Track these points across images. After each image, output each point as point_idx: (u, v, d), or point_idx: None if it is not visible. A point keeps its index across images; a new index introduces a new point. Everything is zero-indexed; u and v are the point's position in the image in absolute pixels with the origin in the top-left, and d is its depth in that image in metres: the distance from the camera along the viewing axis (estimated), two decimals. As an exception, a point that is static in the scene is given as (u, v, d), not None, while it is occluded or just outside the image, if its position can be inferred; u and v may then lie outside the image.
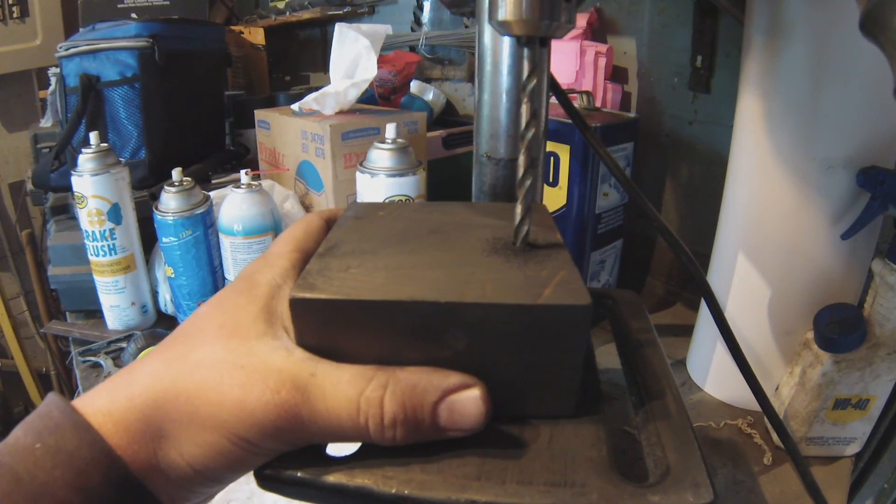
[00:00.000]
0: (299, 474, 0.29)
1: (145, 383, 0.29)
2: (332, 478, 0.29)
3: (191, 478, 0.29)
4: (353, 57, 1.16)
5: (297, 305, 0.30)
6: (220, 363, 0.29)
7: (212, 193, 1.02)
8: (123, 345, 0.96)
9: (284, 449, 0.30)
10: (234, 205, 0.94)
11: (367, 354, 0.30)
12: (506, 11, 0.34)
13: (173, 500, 0.29)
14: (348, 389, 0.29)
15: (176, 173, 0.95)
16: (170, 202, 0.93)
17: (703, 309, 0.89)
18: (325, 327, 0.30)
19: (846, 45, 0.63)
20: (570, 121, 0.60)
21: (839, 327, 0.66)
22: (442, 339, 0.29)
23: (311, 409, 0.28)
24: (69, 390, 2.29)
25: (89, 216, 0.94)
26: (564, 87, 1.00)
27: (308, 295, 0.30)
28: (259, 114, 1.32)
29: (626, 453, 0.32)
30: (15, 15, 2.20)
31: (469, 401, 0.29)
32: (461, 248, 0.35)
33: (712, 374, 0.85)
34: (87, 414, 0.28)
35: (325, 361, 0.30)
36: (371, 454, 0.30)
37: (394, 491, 0.28)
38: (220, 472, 0.30)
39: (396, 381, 0.29)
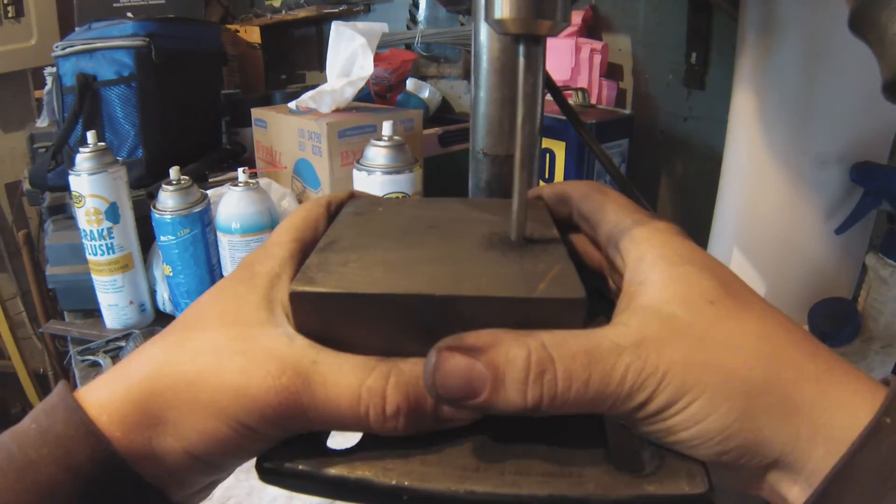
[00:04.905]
0: (300, 467, 0.30)
1: (143, 372, 0.30)
2: (333, 470, 0.29)
3: (187, 465, 0.30)
4: (350, 55, 1.16)
5: (297, 298, 0.30)
6: (221, 350, 0.30)
7: (209, 192, 1.02)
8: (122, 343, 0.96)
9: (283, 436, 0.30)
10: (232, 203, 0.94)
11: (365, 347, 0.30)
12: (501, 9, 0.34)
13: (167, 486, 0.30)
14: (350, 378, 0.29)
15: (173, 172, 0.95)
16: (167, 201, 0.93)
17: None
18: (325, 320, 0.31)
19: (839, 42, 0.63)
20: (565, 117, 0.60)
21: (833, 321, 0.66)
22: (438, 332, 0.30)
23: (311, 395, 0.28)
24: (67, 390, 2.29)
25: (87, 215, 0.94)
26: (560, 84, 1.00)
27: (308, 288, 0.30)
28: (256, 112, 1.32)
29: (623, 446, 0.32)
30: (10, 15, 2.20)
31: None
32: (458, 243, 0.35)
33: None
34: (83, 405, 0.29)
35: (326, 350, 0.30)
36: (371, 447, 0.30)
37: (394, 482, 0.28)
38: (217, 459, 0.30)
39: (399, 372, 0.29)
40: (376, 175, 0.87)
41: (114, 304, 1.01)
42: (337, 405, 0.29)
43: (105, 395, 0.29)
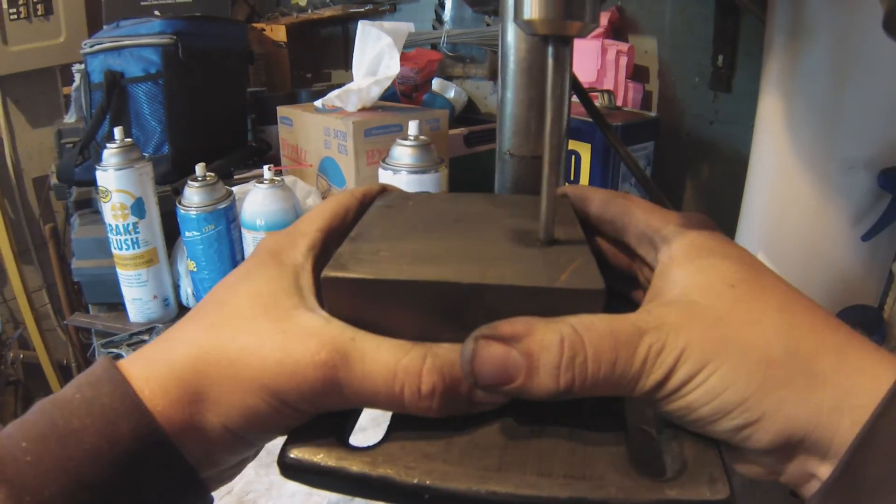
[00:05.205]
0: (322, 463, 0.30)
1: (185, 349, 0.30)
2: (355, 467, 0.29)
3: (223, 440, 0.30)
4: (376, 54, 1.16)
5: (329, 284, 0.31)
6: (261, 329, 0.30)
7: (234, 188, 1.03)
8: (145, 337, 0.97)
9: (318, 411, 0.31)
10: (257, 200, 0.95)
11: (393, 332, 0.31)
12: (531, 10, 0.34)
13: (200, 463, 0.30)
14: (387, 356, 0.29)
15: (199, 168, 0.96)
16: (193, 197, 0.94)
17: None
18: (355, 305, 0.31)
19: (868, 45, 0.63)
20: (591, 119, 0.60)
21: (859, 329, 0.66)
22: (463, 319, 0.30)
23: (348, 371, 0.29)
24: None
25: (113, 210, 0.95)
26: (586, 85, 1.00)
27: (340, 274, 0.31)
28: (282, 110, 1.33)
29: (644, 450, 0.32)
30: (39, 13, 2.23)
31: None
32: (485, 237, 0.36)
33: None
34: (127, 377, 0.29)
35: (363, 331, 0.31)
36: (393, 444, 0.30)
37: (415, 481, 0.29)
38: (253, 434, 0.31)
39: (435, 354, 0.30)
40: (402, 174, 0.87)
41: (138, 298, 1.02)
42: (373, 382, 0.29)
43: (147, 371, 0.30)
